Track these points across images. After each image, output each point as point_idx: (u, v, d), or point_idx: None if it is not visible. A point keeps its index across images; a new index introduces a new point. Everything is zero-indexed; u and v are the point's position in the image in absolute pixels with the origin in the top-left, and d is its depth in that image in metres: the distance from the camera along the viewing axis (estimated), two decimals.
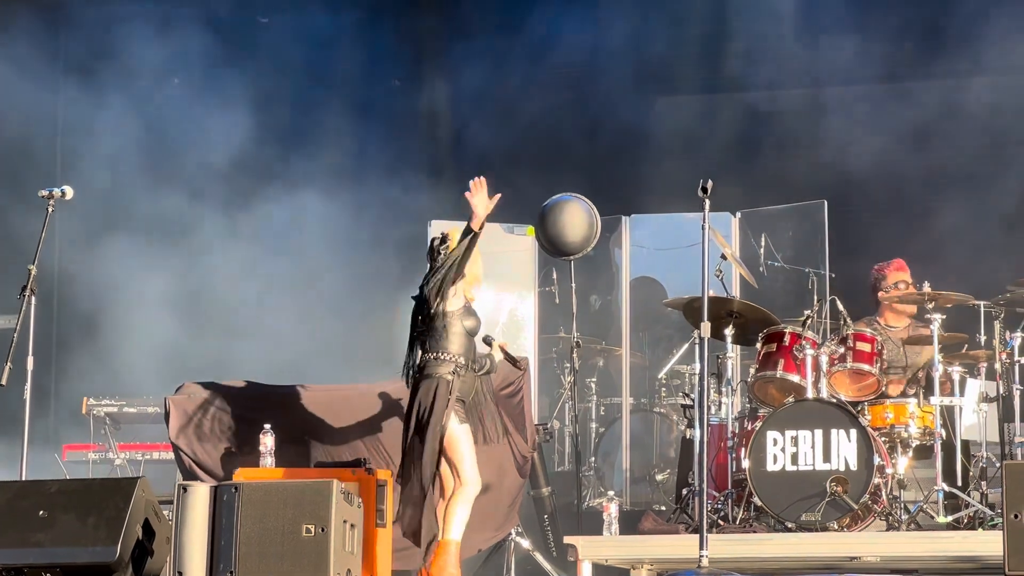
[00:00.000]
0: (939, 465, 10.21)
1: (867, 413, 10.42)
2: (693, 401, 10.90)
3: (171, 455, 10.64)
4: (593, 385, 13.27)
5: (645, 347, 13.52)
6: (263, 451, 9.65)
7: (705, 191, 8.97)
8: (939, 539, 9.80)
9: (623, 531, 10.52)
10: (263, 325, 13.51)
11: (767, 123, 13.84)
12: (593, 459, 12.96)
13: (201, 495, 8.48)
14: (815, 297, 11.76)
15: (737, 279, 12.15)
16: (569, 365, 12.15)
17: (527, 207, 12.29)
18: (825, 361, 10.47)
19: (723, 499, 10.49)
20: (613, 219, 12.91)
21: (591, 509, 11.95)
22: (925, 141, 13.30)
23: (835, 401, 10.36)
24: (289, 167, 14.05)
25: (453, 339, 9.21)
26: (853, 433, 10.10)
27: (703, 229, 9.06)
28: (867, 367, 10.58)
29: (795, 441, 10.17)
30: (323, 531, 8.27)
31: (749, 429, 10.48)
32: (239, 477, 9.17)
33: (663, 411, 12.96)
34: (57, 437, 13.18)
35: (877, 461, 10.04)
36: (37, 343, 9.65)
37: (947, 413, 10.43)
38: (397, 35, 14.84)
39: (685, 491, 10.79)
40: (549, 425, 11.84)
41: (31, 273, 9.60)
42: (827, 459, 10.11)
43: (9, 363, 9.37)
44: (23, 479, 9.35)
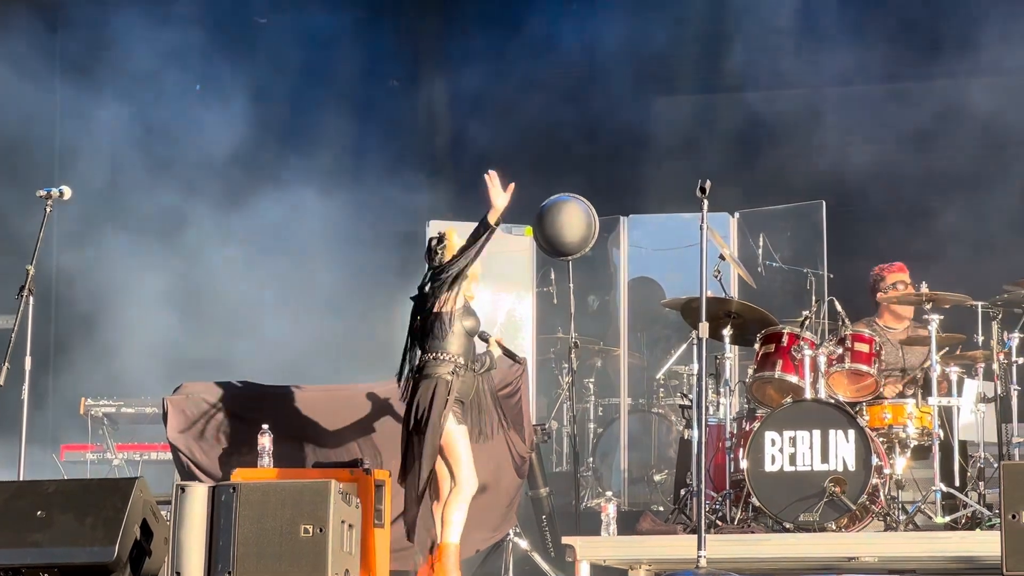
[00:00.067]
0: (937, 465, 10.20)
1: (865, 413, 10.42)
2: (691, 401, 10.89)
3: (169, 455, 10.62)
4: (591, 385, 13.26)
5: (643, 347, 13.50)
6: (261, 451, 9.64)
7: (703, 191, 8.96)
8: (937, 539, 9.79)
9: (621, 531, 10.50)
10: (261, 325, 13.48)
11: (766, 124, 13.82)
12: (591, 459, 12.95)
13: (199, 495, 8.48)
14: (813, 298, 11.75)
15: (735, 279, 12.14)
16: (567, 365, 12.16)
17: (525, 207, 12.23)
18: (823, 362, 10.46)
19: (721, 499, 10.49)
20: (611, 219, 12.88)
21: (589, 509, 11.93)
22: (923, 142, 13.30)
23: (833, 402, 10.36)
24: (288, 167, 14.02)
25: (452, 339, 9.20)
26: (851, 433, 10.10)
27: (701, 229, 9.05)
28: (865, 368, 10.57)
29: (793, 441, 10.16)
30: (321, 531, 8.26)
31: (747, 429, 10.47)
32: (237, 477, 9.16)
33: (661, 411, 12.94)
34: (55, 437, 13.17)
35: (875, 461, 10.03)
36: (35, 343, 9.64)
37: (945, 413, 10.43)
38: (396, 35, 14.82)
39: (683, 491, 10.78)
40: (547, 425, 11.82)
41: (29, 273, 9.59)
42: (825, 459, 10.10)
43: (7, 363, 9.36)
44: (21, 479, 9.34)
